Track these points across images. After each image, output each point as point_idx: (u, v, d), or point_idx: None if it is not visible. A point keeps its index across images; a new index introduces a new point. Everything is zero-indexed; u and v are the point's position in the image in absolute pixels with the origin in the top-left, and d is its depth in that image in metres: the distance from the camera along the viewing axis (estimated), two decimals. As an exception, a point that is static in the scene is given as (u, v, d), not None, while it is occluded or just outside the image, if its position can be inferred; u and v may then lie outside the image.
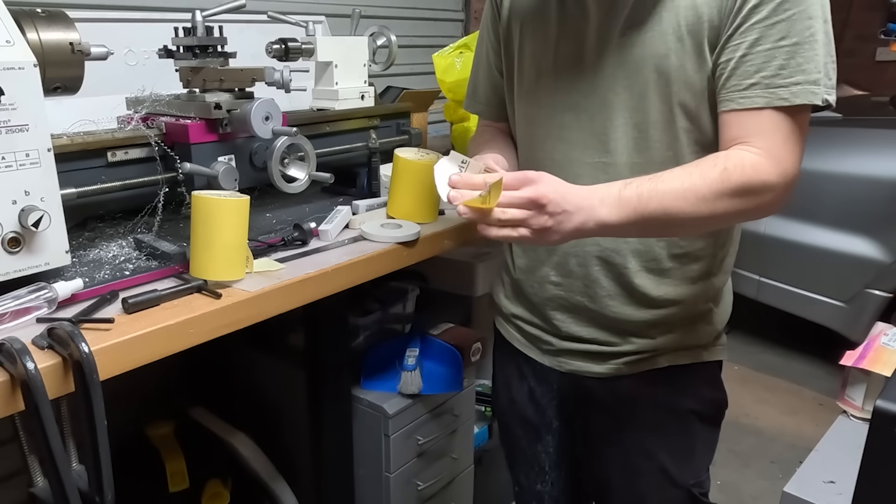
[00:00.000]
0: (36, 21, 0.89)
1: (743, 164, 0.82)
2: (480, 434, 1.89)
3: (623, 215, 0.81)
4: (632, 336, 1.02)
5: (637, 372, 1.03)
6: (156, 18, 1.51)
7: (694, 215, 0.82)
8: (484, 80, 1.14)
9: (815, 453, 1.48)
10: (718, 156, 0.84)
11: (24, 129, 0.82)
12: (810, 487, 1.34)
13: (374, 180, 1.42)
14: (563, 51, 0.96)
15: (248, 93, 1.13)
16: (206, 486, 1.43)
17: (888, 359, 1.54)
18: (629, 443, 1.06)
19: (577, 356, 1.05)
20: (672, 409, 1.04)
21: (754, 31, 0.82)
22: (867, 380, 1.54)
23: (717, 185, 0.81)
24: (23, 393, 0.74)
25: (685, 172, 0.83)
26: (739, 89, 0.84)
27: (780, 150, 0.83)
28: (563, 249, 1.01)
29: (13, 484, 1.32)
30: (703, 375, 1.06)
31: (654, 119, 0.91)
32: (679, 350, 1.02)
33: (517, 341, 1.15)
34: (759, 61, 0.82)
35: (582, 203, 0.81)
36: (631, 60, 0.90)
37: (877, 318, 2.42)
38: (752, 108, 0.83)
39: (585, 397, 1.08)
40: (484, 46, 1.12)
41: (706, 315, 1.03)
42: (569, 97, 0.96)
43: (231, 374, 1.55)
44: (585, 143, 0.96)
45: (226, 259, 0.97)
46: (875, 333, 1.66)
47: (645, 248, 0.97)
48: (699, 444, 1.07)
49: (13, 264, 0.84)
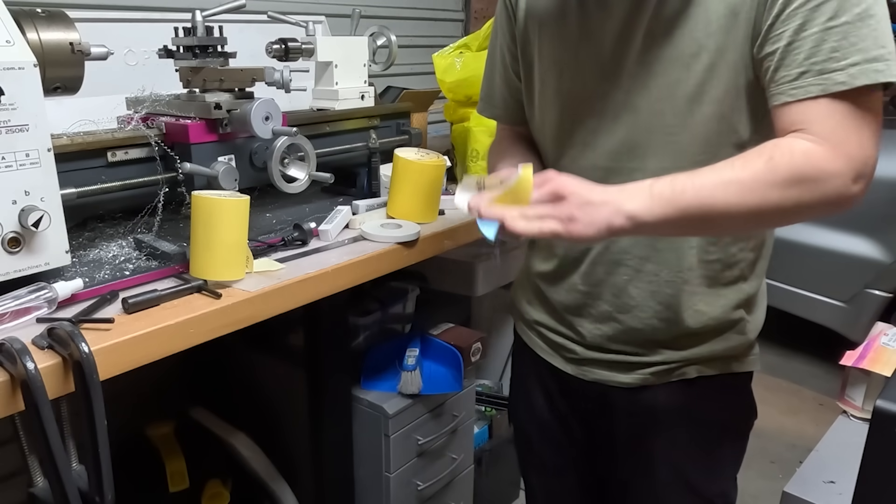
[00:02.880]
0: (36, 21, 0.89)
1: (792, 151, 0.74)
2: (480, 434, 1.89)
3: (656, 209, 0.75)
4: (660, 346, 0.97)
5: (664, 382, 0.98)
6: (156, 18, 1.51)
7: (739, 208, 0.74)
8: (500, 83, 1.09)
9: (815, 453, 1.48)
10: (766, 145, 0.77)
11: (24, 129, 0.82)
12: (810, 487, 1.34)
13: (374, 180, 1.42)
14: (585, 52, 0.91)
15: (248, 93, 1.13)
16: (206, 486, 1.43)
17: (888, 359, 1.54)
18: (653, 453, 1.01)
19: (602, 365, 1.01)
20: (699, 421, 1.00)
21: (797, 16, 0.75)
22: (867, 380, 1.54)
23: (763, 175, 0.74)
24: (23, 393, 0.74)
25: (727, 163, 0.76)
26: (789, 80, 0.76)
27: (840, 135, 0.74)
28: (591, 258, 0.96)
29: (13, 484, 1.33)
30: (733, 387, 1.01)
31: (684, 121, 0.85)
32: (709, 361, 0.97)
33: (539, 348, 1.10)
34: (808, 47, 0.75)
35: (608, 197, 0.76)
36: (656, 60, 0.85)
37: (877, 318, 2.42)
38: (806, 99, 0.75)
39: (609, 407, 1.03)
40: (498, 49, 1.08)
41: (738, 324, 0.97)
42: (592, 100, 0.92)
43: (231, 374, 1.55)
44: (611, 149, 0.91)
45: (226, 259, 0.97)
46: (875, 333, 1.66)
47: (676, 257, 0.92)
48: (726, 455, 1.03)
49: (13, 264, 0.84)
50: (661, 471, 1.01)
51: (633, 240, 0.93)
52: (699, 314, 0.94)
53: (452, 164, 1.58)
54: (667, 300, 0.94)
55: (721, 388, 0.99)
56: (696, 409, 0.99)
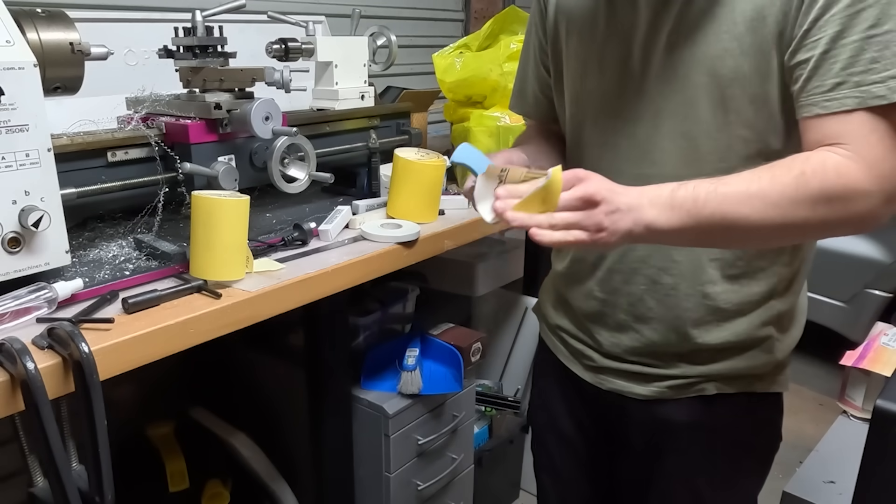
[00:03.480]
0: (36, 21, 0.89)
1: (825, 167, 0.70)
2: (480, 434, 1.89)
3: (675, 219, 0.72)
4: (677, 360, 0.93)
5: (681, 397, 0.94)
6: (156, 18, 1.51)
7: (762, 223, 0.71)
8: (532, 79, 1.07)
9: (815, 453, 1.48)
10: (797, 157, 0.72)
11: (24, 129, 0.82)
12: (810, 487, 1.34)
13: (374, 180, 1.41)
14: (609, 51, 0.88)
15: (248, 93, 1.13)
16: (206, 486, 1.43)
17: (888, 359, 1.54)
18: (667, 469, 0.98)
19: (618, 375, 0.98)
20: (715, 440, 0.95)
21: (834, 22, 0.70)
22: (867, 380, 1.54)
23: (792, 191, 0.70)
24: (23, 393, 0.74)
25: (754, 175, 0.72)
26: (823, 91, 0.72)
27: (876, 153, 0.70)
28: (608, 265, 0.94)
29: (13, 484, 1.32)
30: (754, 407, 0.95)
31: (705, 128, 0.82)
32: (729, 378, 0.93)
33: (561, 353, 1.08)
34: (846, 56, 0.70)
35: (632, 203, 0.73)
36: (680, 62, 0.81)
37: (877, 318, 2.42)
38: (841, 112, 0.71)
39: (626, 418, 1.00)
40: (531, 43, 1.05)
41: (764, 342, 0.91)
42: (614, 101, 0.89)
43: (231, 374, 1.55)
44: (629, 152, 0.88)
45: (226, 259, 0.97)
46: (875, 333, 1.66)
47: (696, 268, 0.88)
48: (743, 479, 0.99)
49: (13, 264, 0.84)
50: (674, 488, 0.99)
51: (650, 249, 0.90)
52: (720, 329, 0.90)
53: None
54: (685, 313, 0.90)
55: (741, 407, 0.94)
56: (713, 427, 0.95)
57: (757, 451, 0.99)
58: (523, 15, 1.76)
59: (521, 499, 2.07)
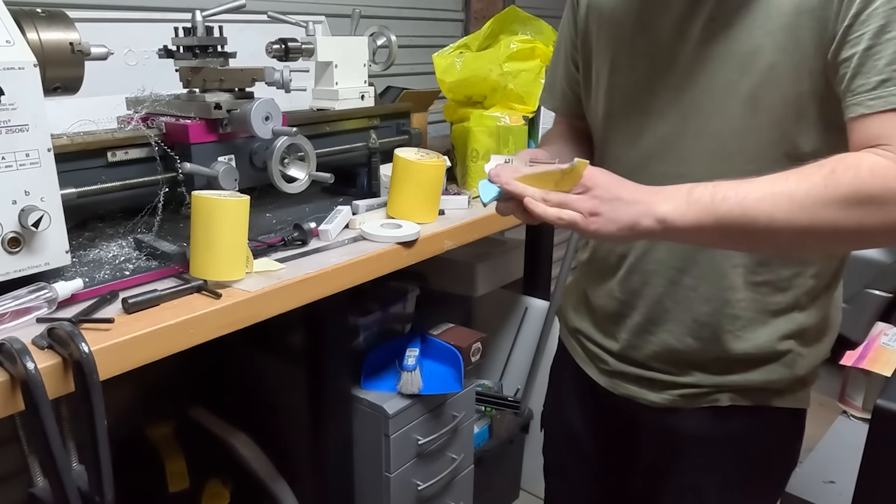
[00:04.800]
0: (36, 21, 0.89)
1: (859, 166, 0.65)
2: (480, 434, 1.89)
3: (690, 214, 0.69)
4: (692, 368, 0.90)
5: (694, 407, 0.92)
6: (156, 18, 1.51)
7: (787, 224, 0.66)
8: (562, 74, 1.05)
9: (815, 453, 1.48)
10: (831, 158, 0.68)
11: (24, 129, 0.82)
12: (810, 487, 1.35)
13: (374, 180, 1.41)
14: (638, 46, 0.86)
15: (248, 93, 1.13)
16: (206, 486, 1.43)
17: (888, 359, 1.54)
18: (677, 479, 0.96)
19: (632, 380, 0.96)
20: (726, 453, 0.93)
21: (878, 16, 0.66)
22: (867, 380, 1.54)
23: (820, 190, 0.65)
24: (23, 393, 0.74)
25: (781, 175, 0.68)
26: (867, 89, 0.67)
27: None
28: (628, 265, 0.92)
29: (13, 484, 1.33)
30: (770, 423, 0.92)
31: (734, 127, 0.79)
32: (744, 391, 0.89)
33: (578, 356, 1.07)
34: (891, 51, 0.66)
35: (640, 196, 0.71)
36: (710, 58, 0.79)
37: (877, 318, 2.43)
38: (887, 110, 0.66)
39: (637, 425, 0.99)
40: (563, 38, 1.03)
41: (784, 356, 0.88)
42: (641, 98, 0.86)
43: (231, 374, 1.55)
44: (655, 151, 0.86)
45: (226, 259, 0.97)
46: (875, 333, 1.67)
47: (716, 274, 0.85)
48: (753, 495, 0.96)
49: (13, 264, 0.84)
50: (683, 496, 0.97)
51: (670, 250, 0.88)
52: (738, 339, 0.87)
53: (452, 164, 1.58)
54: (703, 318, 0.88)
55: (756, 422, 0.91)
56: (725, 440, 0.92)
57: (770, 468, 0.96)
58: (523, 15, 1.76)
59: (521, 499, 2.07)
